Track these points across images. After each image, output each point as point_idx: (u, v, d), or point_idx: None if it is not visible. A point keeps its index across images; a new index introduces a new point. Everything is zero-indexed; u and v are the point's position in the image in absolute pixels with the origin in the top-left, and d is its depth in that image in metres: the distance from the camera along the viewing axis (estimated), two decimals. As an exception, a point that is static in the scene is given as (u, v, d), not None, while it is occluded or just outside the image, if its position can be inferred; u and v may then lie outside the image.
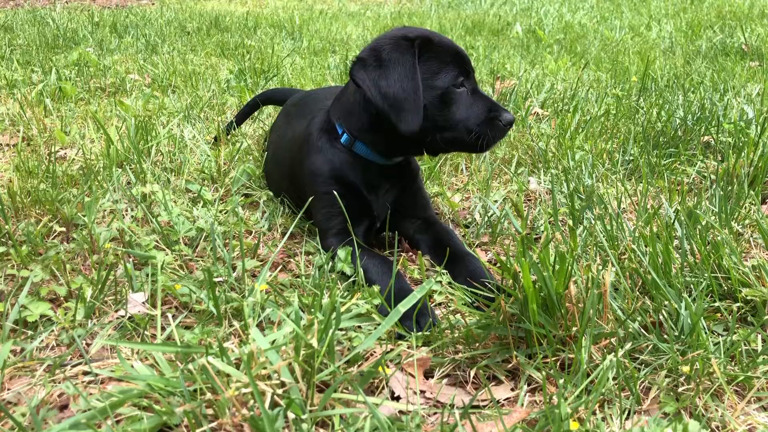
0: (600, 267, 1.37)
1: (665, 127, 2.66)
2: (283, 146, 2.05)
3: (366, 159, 1.76)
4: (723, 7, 7.46)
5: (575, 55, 4.77)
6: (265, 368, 1.10)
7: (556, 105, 3.20)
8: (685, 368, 1.20)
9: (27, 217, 1.84)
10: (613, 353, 1.22)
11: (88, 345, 1.33)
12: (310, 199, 1.77)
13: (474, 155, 2.46)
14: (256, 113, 2.92)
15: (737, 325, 1.37)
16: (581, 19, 6.89)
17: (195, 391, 1.10)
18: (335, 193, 1.70)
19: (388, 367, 1.26)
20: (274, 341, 1.19)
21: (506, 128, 1.72)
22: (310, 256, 1.75)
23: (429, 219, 1.82)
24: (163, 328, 1.37)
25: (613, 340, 1.28)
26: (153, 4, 8.95)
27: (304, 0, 9.84)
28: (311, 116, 1.93)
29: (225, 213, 1.95)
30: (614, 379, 1.20)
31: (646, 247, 1.58)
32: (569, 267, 1.27)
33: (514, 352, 1.28)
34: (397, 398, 1.20)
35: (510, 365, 1.29)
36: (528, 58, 4.63)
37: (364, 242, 1.72)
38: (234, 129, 2.75)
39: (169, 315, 1.41)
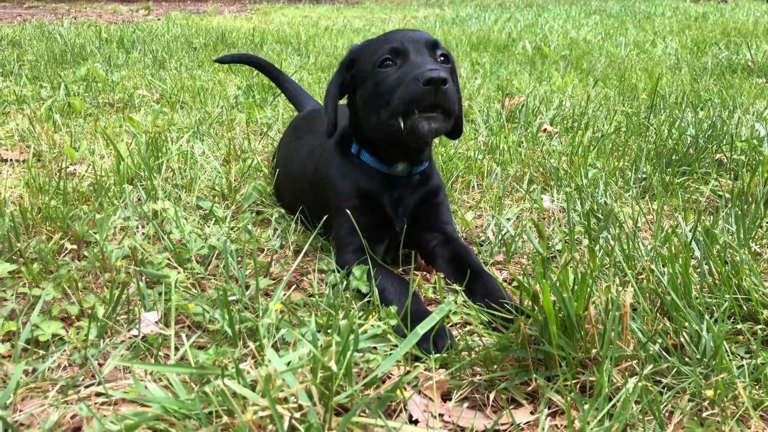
0: (619, 288, 1.35)
1: (677, 144, 2.65)
2: (298, 161, 2.04)
3: (378, 170, 1.75)
4: (728, 24, 7.49)
5: (582, 72, 4.78)
6: (282, 391, 1.08)
7: (565, 122, 3.19)
8: (709, 392, 1.18)
9: (38, 234, 1.83)
10: (635, 376, 1.20)
11: (101, 365, 1.31)
12: (326, 216, 1.75)
13: (484, 173, 2.45)
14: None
15: (761, 348, 1.34)
16: (586, 35, 6.92)
17: (210, 413, 1.09)
18: (357, 208, 1.68)
19: (405, 389, 1.24)
20: (289, 363, 1.17)
21: (425, 87, 1.46)
22: (323, 275, 1.73)
23: (449, 235, 1.79)
24: (176, 348, 1.35)
25: (634, 362, 1.26)
26: (159, 19, 9.02)
27: (308, 16, 9.91)
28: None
29: (236, 230, 1.94)
30: (637, 402, 1.18)
31: (663, 267, 1.56)
32: (589, 288, 1.25)
33: (534, 375, 1.26)
34: (416, 422, 1.18)
35: (529, 388, 1.26)
36: (534, 75, 4.64)
37: (384, 259, 1.70)
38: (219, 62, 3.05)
39: (183, 335, 1.39)
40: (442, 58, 1.65)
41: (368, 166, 1.75)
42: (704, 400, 1.19)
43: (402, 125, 1.55)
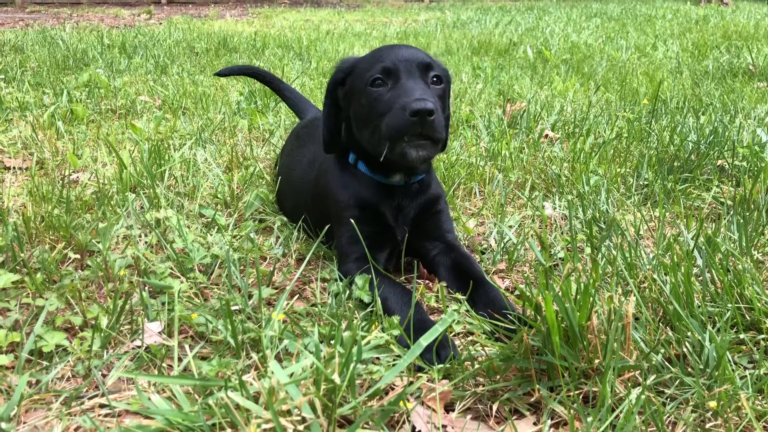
0: (621, 297, 1.36)
1: (679, 151, 2.65)
2: (300, 169, 2.04)
3: (376, 179, 1.75)
4: (728, 27, 7.49)
5: (583, 76, 4.78)
6: (285, 403, 1.09)
7: (566, 127, 3.20)
8: (712, 403, 1.17)
9: (41, 243, 1.83)
10: (638, 387, 1.20)
11: (104, 376, 1.31)
12: (328, 225, 1.76)
13: (486, 180, 2.45)
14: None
15: (764, 358, 1.34)
16: (587, 39, 6.93)
17: (214, 425, 1.09)
18: (357, 218, 1.69)
19: (408, 401, 1.24)
20: (292, 374, 1.17)
21: (412, 119, 1.48)
22: (326, 283, 1.74)
23: (450, 243, 1.78)
24: (179, 359, 1.36)
25: (637, 373, 1.26)
26: (161, 23, 9.04)
27: (310, 20, 9.92)
28: None
29: (239, 239, 1.94)
30: (640, 414, 1.18)
31: (666, 275, 1.56)
32: (592, 298, 1.25)
33: (537, 385, 1.26)
34: (419, 433, 1.18)
35: (532, 399, 1.27)
36: (536, 79, 4.64)
37: (386, 267, 1.70)
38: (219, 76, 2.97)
39: (186, 345, 1.40)
40: (435, 79, 1.65)
41: (366, 175, 1.76)
42: (707, 411, 1.19)
43: (390, 151, 1.57)
